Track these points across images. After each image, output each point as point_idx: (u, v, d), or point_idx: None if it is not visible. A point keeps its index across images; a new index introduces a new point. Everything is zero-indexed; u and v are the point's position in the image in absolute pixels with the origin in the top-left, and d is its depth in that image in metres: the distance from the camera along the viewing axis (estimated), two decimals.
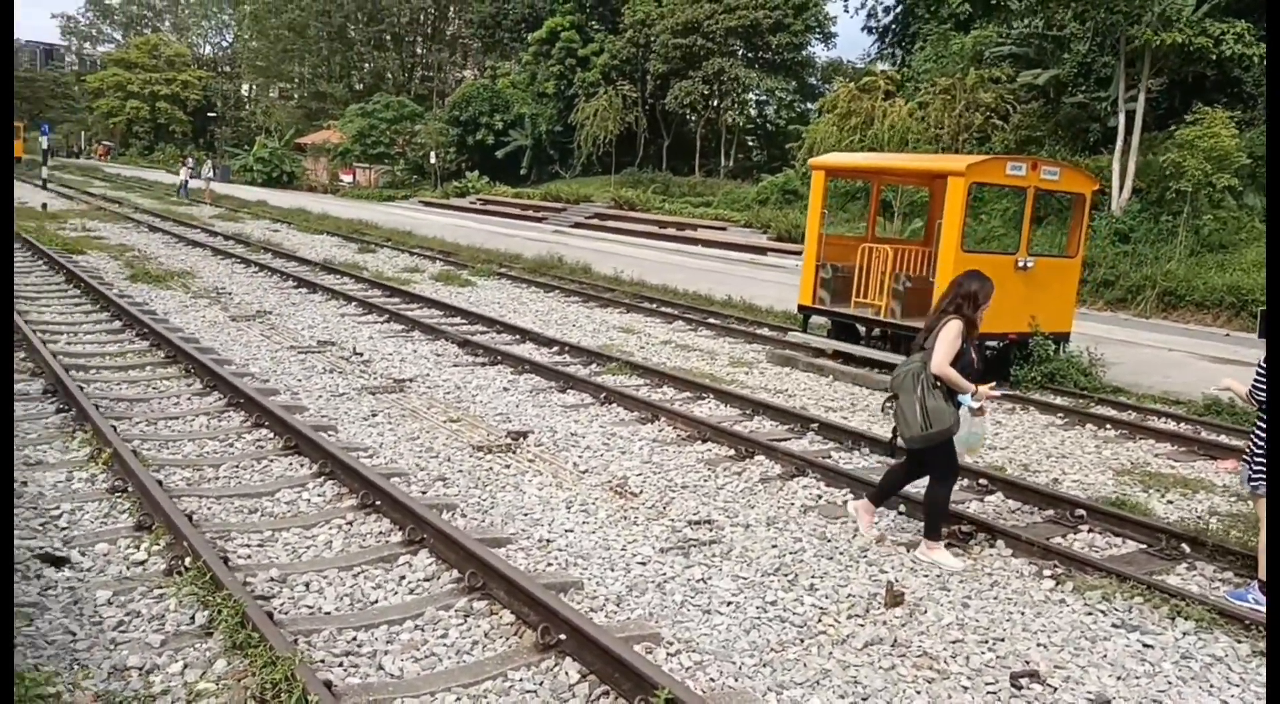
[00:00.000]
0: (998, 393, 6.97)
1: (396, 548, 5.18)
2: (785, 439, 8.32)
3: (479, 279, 18.67)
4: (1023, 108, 31.38)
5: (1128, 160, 24.24)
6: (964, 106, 32.41)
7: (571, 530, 5.76)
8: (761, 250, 32.07)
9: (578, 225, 40.05)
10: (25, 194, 33.21)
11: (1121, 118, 24.54)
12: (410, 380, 9.46)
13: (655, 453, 7.53)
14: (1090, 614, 5.06)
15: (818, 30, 47.81)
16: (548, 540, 5.56)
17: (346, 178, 57.39)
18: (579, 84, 50.10)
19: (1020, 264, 11.02)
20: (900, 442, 5.79)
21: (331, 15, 75.99)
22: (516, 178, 52.48)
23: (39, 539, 4.86)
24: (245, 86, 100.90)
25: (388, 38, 78.13)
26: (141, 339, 10.20)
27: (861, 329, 12.23)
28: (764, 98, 51.14)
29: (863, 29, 49.85)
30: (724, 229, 36.02)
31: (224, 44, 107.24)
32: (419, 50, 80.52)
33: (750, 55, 47.30)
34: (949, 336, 5.57)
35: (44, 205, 26.67)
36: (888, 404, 5.90)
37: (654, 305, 16.59)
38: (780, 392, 10.48)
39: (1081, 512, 6.52)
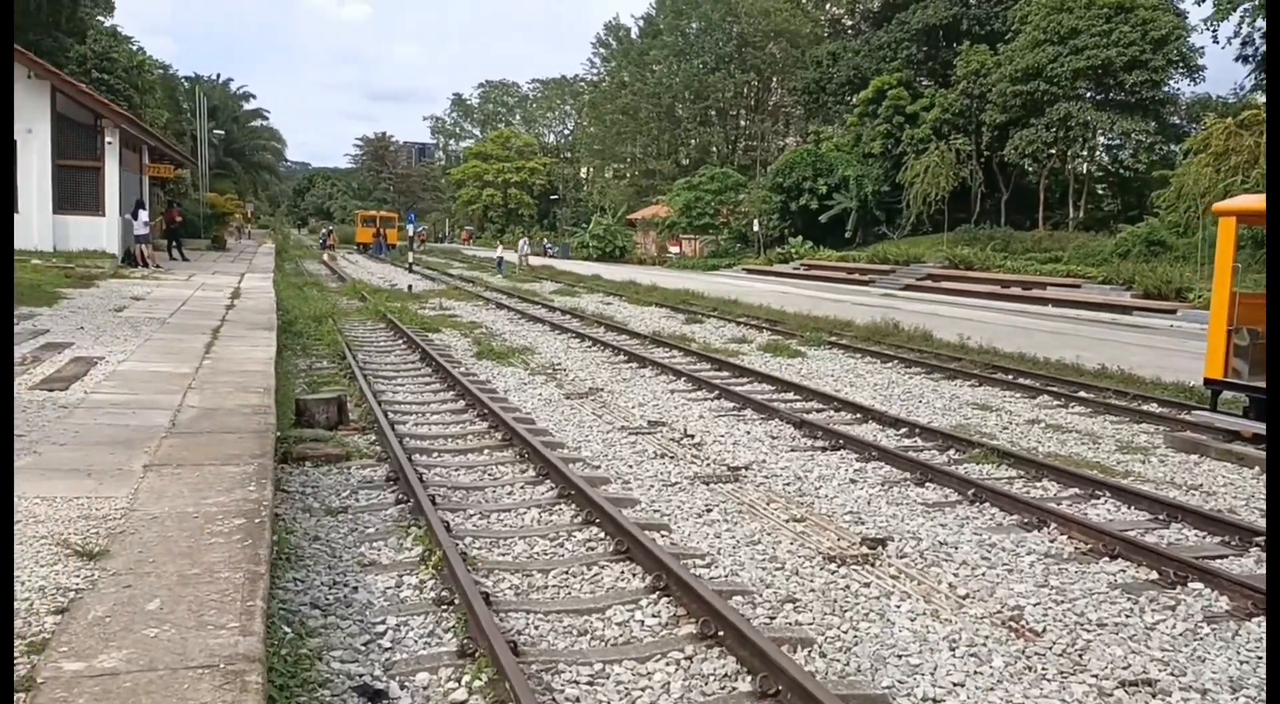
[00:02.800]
0: None
1: (745, 701, 4.23)
2: (1220, 556, 6.54)
3: (809, 349, 17.72)
4: None
5: None
6: None
7: (962, 684, 4.53)
8: (1125, 309, 28.60)
9: (908, 287, 38.18)
10: (396, 276, 36.85)
11: None
12: (745, 468, 8.61)
13: (1052, 573, 6.08)
14: None
15: (1180, 64, 42.87)
16: (935, 701, 4.36)
17: (674, 249, 59.17)
18: (907, 141, 48.42)
19: None
20: None
21: (661, 97, 79.67)
22: (841, 241, 51.39)
23: (360, 664, 4.41)
24: (583, 169, 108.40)
25: (712, 113, 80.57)
26: (481, 420, 10.18)
27: None
28: (1117, 142, 46.56)
29: (1236, 59, 44.06)
30: (1078, 286, 32.66)
31: (565, 132, 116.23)
32: (742, 122, 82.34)
33: (1100, 97, 43.28)
34: None
35: (409, 287, 29.24)
36: None
37: (1009, 376, 14.80)
38: (1194, 488, 8.52)
39: None
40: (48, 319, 13.15)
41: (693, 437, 9.88)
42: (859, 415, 11.24)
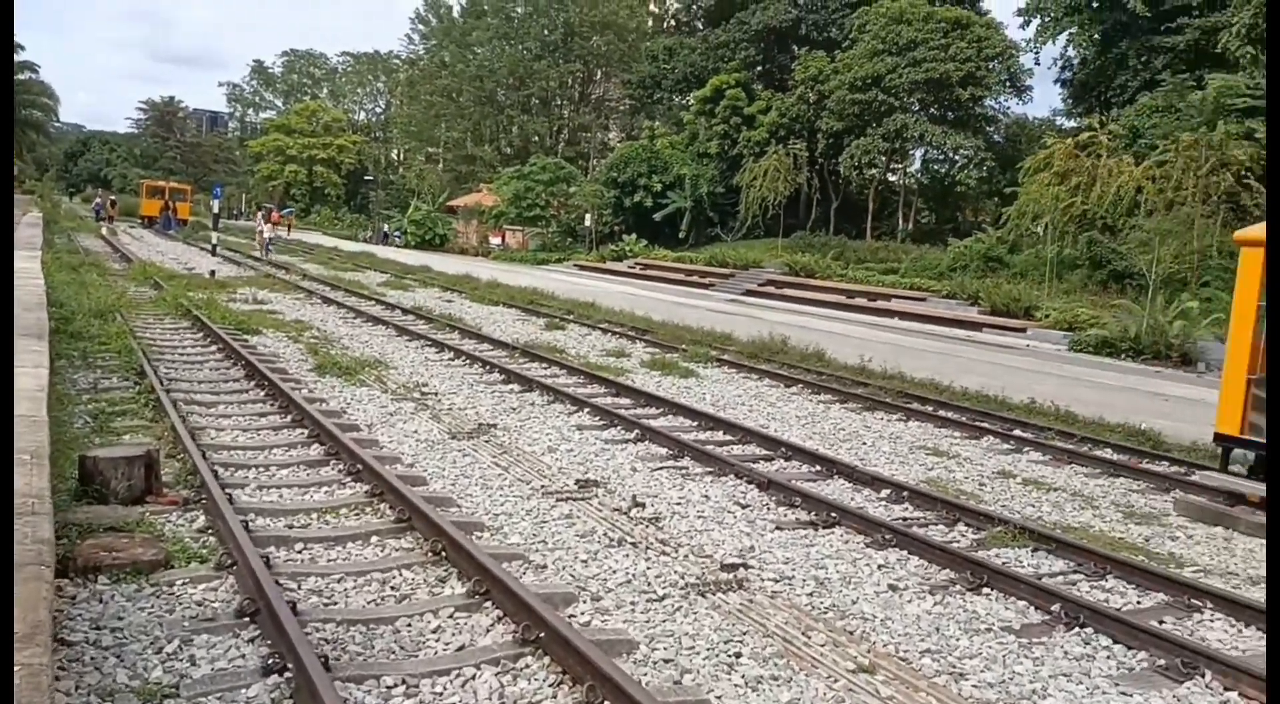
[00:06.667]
0: None
1: None
2: None
3: (697, 367, 15.67)
4: None
5: None
6: (1211, 166, 28.09)
7: None
8: (975, 326, 28.26)
9: (750, 293, 37.03)
10: (193, 258, 32.31)
11: None
12: (741, 565, 6.35)
13: None
14: None
15: (1009, 84, 43.98)
16: None
17: (495, 240, 56.16)
18: (744, 143, 47.55)
19: None
20: None
21: (484, 81, 76.38)
22: (674, 241, 50.04)
23: None
24: (394, 151, 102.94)
25: (536, 101, 77.99)
26: (353, 479, 7.44)
27: None
28: (940, 156, 47.46)
29: (1055, 82, 45.76)
30: (923, 299, 32.34)
31: (377, 110, 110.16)
32: (565, 113, 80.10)
33: (935, 112, 43.73)
34: None
35: (212, 273, 25.20)
36: None
37: (930, 407, 13.31)
38: (1262, 582, 6.95)
39: None
40: None
41: (643, 506, 7.52)
42: (818, 468, 9.23)
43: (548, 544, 6.48)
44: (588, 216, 51.44)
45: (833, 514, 7.52)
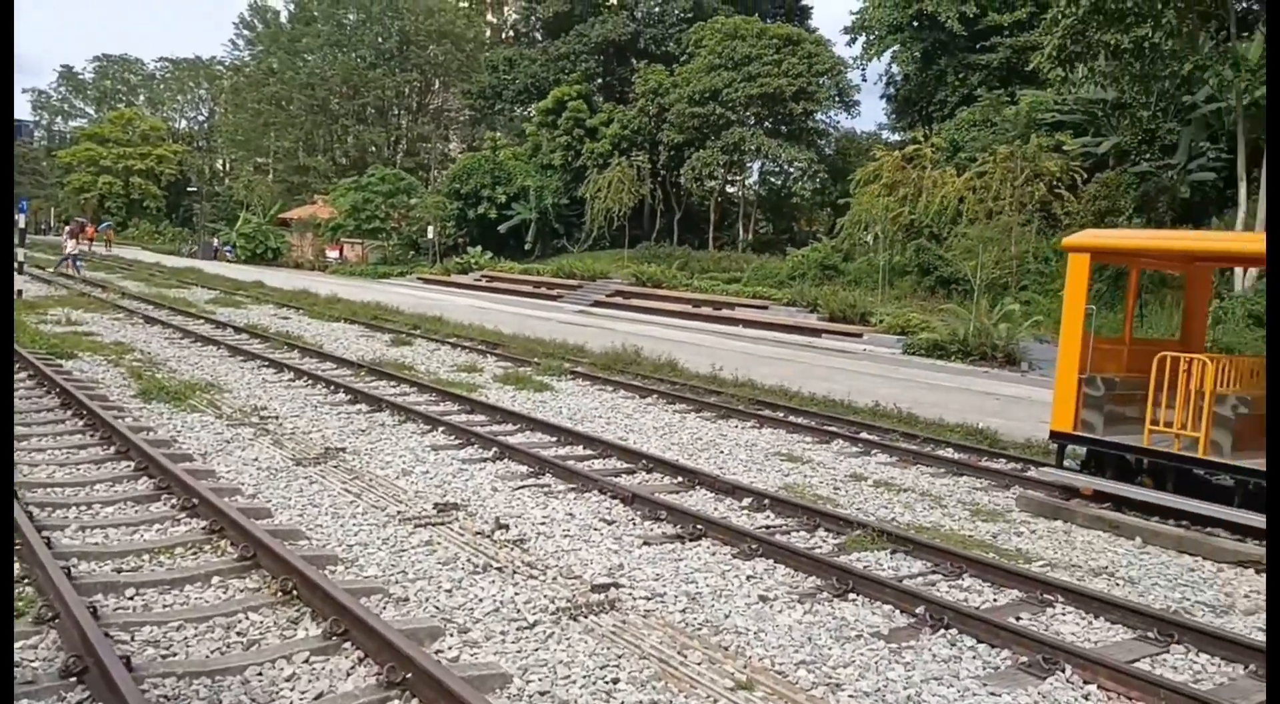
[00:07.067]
0: None
1: None
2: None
3: (552, 380, 15.48)
4: (1101, 177, 28.94)
5: (1254, 230, 21.75)
6: (1026, 177, 29.96)
7: None
8: (815, 332, 29.11)
9: (598, 304, 37.04)
10: None
11: (1242, 187, 22.16)
12: (611, 585, 6.20)
13: None
14: None
15: (838, 99, 45.75)
16: None
17: (333, 254, 54.27)
18: (588, 155, 47.63)
19: None
20: None
21: (315, 89, 73.78)
22: (520, 253, 49.60)
23: None
24: (220, 161, 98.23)
25: (372, 111, 75.85)
26: (189, 514, 6.89)
27: (1131, 460, 9.15)
28: (776, 168, 48.87)
29: (881, 97, 47.99)
30: (765, 308, 33.12)
31: (200, 118, 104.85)
32: (403, 123, 78.31)
33: (769, 126, 44.98)
34: None
35: (19, 293, 23.23)
36: None
37: (781, 414, 13.51)
38: (1103, 572, 7.33)
39: None
40: None
41: (506, 528, 7.27)
42: (680, 479, 9.19)
43: (408, 575, 6.15)
44: (430, 229, 50.37)
45: (699, 526, 7.47)
